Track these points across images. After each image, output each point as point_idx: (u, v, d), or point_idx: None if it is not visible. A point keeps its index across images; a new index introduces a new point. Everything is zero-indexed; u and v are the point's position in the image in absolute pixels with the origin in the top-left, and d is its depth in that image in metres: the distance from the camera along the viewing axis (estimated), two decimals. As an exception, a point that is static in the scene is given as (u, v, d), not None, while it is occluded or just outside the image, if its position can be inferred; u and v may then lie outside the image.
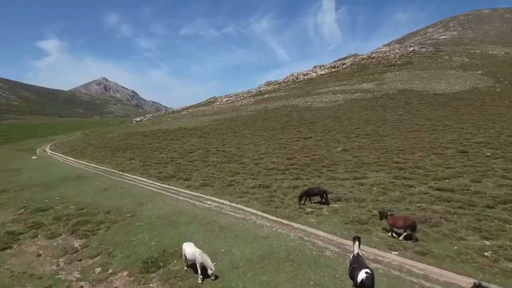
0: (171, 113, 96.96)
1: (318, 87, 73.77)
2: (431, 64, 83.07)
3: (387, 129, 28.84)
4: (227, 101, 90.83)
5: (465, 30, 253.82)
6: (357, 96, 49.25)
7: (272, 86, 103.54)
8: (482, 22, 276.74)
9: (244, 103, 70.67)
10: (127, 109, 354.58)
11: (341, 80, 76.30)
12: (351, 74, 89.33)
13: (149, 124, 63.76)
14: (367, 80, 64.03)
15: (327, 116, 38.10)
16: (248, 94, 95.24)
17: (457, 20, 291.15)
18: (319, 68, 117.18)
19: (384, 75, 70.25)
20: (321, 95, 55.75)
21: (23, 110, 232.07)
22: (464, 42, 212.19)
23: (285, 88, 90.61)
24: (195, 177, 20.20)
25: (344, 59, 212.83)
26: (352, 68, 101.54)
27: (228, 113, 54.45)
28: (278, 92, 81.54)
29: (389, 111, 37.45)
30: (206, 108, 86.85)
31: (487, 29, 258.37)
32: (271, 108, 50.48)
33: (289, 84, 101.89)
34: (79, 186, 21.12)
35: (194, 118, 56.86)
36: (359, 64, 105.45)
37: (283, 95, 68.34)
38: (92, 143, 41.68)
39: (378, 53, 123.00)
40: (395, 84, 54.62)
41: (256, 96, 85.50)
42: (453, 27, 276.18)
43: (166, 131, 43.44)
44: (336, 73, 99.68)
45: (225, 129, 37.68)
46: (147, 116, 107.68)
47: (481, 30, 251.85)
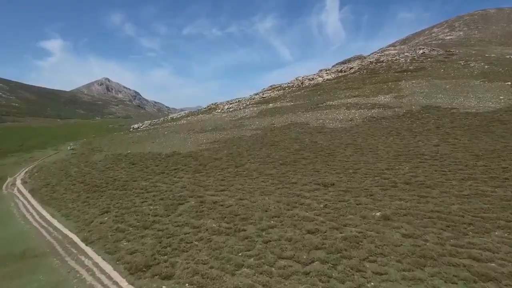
0: (170, 121, 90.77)
1: (327, 96, 67.30)
2: (447, 70, 76.39)
3: (428, 172, 22.38)
4: (229, 109, 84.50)
5: (471, 30, 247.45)
6: (376, 113, 42.80)
7: (276, 92, 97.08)
8: (488, 22, 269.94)
9: (247, 114, 64.26)
10: (129, 110, 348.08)
11: (352, 89, 69.78)
12: (360, 80, 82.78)
13: (144, 139, 57.44)
14: (382, 91, 57.53)
15: (345, 143, 31.72)
16: (250, 101, 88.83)
17: (463, 20, 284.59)
18: (325, 72, 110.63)
19: (400, 84, 63.70)
20: (332, 109, 49.32)
21: (23, 112, 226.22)
22: (471, 43, 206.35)
23: (290, 95, 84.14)
24: (178, 272, 13.76)
25: (349, 61, 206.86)
26: (360, 73, 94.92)
27: (229, 130, 48.05)
28: (283, 101, 75.08)
29: (420, 138, 31.02)
30: (206, 117, 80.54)
31: (493, 29, 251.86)
32: (278, 126, 44.06)
33: (294, 89, 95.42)
34: (11, 282, 15.10)
35: (191, 134, 50.45)
36: (368, 68, 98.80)
37: (290, 106, 61.92)
38: (71, 172, 35.37)
39: (387, 56, 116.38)
40: (416, 98, 48.12)
41: (260, 104, 79.08)
42: (458, 27, 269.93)
43: (157, 156, 37.10)
44: (344, 79, 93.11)
45: (225, 159, 31.32)
46: (145, 123, 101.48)
47: (488, 30, 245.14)
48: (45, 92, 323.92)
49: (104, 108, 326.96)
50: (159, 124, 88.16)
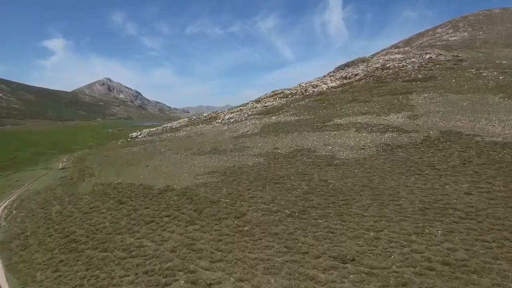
0: (169, 131, 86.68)
1: (333, 111, 62.97)
2: (459, 81, 71.88)
3: (468, 242, 18.16)
4: (229, 120, 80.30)
5: (476, 31, 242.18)
6: (390, 139, 38.58)
7: (278, 100, 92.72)
8: (493, 22, 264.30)
9: (248, 130, 60.06)
10: (130, 111, 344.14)
11: (359, 102, 65.38)
12: (367, 90, 78.39)
13: (139, 157, 53.38)
14: (393, 108, 53.21)
15: (360, 184, 27.55)
16: (252, 111, 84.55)
17: (467, 20, 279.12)
18: (329, 78, 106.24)
19: (410, 97, 59.30)
20: (341, 131, 45.09)
21: (23, 114, 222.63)
22: (476, 44, 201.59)
23: (293, 105, 79.81)
24: None
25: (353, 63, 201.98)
26: (367, 82, 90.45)
27: (229, 153, 43.83)
28: (287, 113, 70.82)
29: (446, 179, 26.81)
30: (206, 128, 76.39)
31: (498, 29, 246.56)
32: (282, 152, 39.87)
33: (298, 98, 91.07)
34: None
35: (189, 157, 46.31)
36: (373, 76, 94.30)
37: (294, 122, 57.66)
38: (52, 213, 31.26)
39: (393, 62, 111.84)
40: (432, 119, 43.79)
41: (262, 115, 74.80)
42: (463, 28, 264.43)
43: (149, 191, 32.94)
44: (349, 87, 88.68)
45: (224, 202, 27.20)
46: (143, 132, 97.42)
47: (493, 31, 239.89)
48: (46, 93, 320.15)
49: (105, 109, 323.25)
50: (158, 135, 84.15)
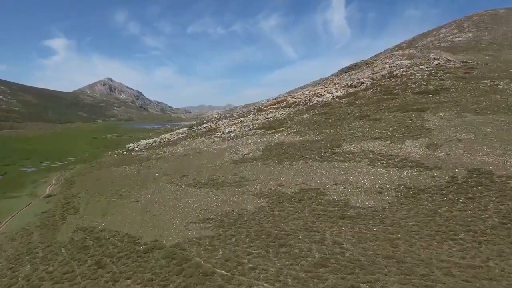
0: (166, 144, 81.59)
1: (341, 130, 57.66)
2: (474, 95, 66.34)
3: None
4: (230, 134, 75.15)
5: (481, 32, 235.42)
6: (410, 179, 33.36)
7: (281, 111, 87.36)
8: (498, 23, 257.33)
9: (249, 152, 54.95)
10: (131, 112, 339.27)
11: (369, 120, 59.96)
12: (375, 103, 72.99)
13: (130, 186, 48.50)
14: (408, 131, 47.85)
15: (383, 253, 22.48)
16: (254, 124, 79.28)
17: (472, 20, 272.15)
18: (333, 86, 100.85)
19: (425, 117, 53.93)
20: (352, 162, 39.87)
21: (23, 117, 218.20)
22: (482, 46, 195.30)
23: (297, 119, 74.46)
24: None
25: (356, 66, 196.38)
26: (374, 92, 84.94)
27: (227, 188, 38.80)
28: (290, 130, 65.53)
29: (487, 250, 21.76)
30: (205, 144, 71.24)
31: (504, 30, 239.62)
32: (288, 192, 34.72)
33: (301, 109, 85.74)
34: None
35: (183, 190, 41.36)
36: (381, 85, 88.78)
37: (298, 144, 52.44)
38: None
39: (399, 68, 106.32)
40: (455, 150, 38.51)
41: (264, 132, 69.53)
42: (467, 28, 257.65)
43: (134, 247, 27.97)
44: (355, 98, 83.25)
45: (219, 277, 22.25)
46: (141, 143, 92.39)
47: (498, 32, 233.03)
48: (47, 94, 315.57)
49: (106, 110, 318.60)
50: (154, 149, 79.14)
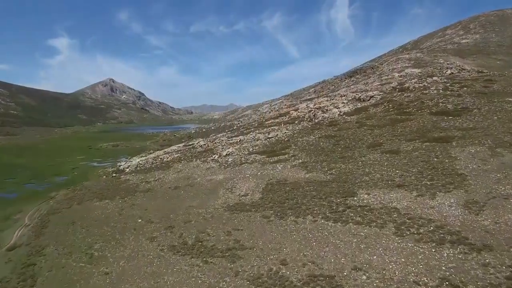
0: (159, 167, 73.30)
1: (353, 164, 49.01)
2: (502, 119, 57.15)
3: None
4: (227, 157, 66.71)
5: (488, 33, 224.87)
6: (453, 267, 24.72)
7: (284, 129, 78.68)
8: (506, 23, 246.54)
9: (247, 193, 46.55)
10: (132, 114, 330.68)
11: (385, 152, 51.27)
12: (389, 125, 64.21)
13: (105, 244, 40.35)
14: (436, 177, 39.19)
15: None
16: (254, 146, 70.69)
17: (478, 21, 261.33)
18: (340, 100, 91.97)
19: (452, 153, 45.14)
20: (373, 227, 31.36)
21: (20, 121, 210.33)
22: (491, 49, 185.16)
23: (301, 142, 65.80)
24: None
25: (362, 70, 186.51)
26: (385, 109, 76.02)
27: (217, 261, 30.56)
28: (294, 160, 56.86)
29: None
30: (199, 171, 62.87)
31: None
32: (292, 279, 26.36)
33: (306, 127, 77.02)
34: None
35: (163, 263, 33.20)
36: (392, 101, 79.81)
37: (304, 184, 43.96)
38: None
39: (410, 79, 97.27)
40: (505, 217, 30.00)
41: (265, 159, 61.05)
42: (474, 29, 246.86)
43: None
44: (366, 116, 74.42)
45: None
46: (132, 163, 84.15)
47: (506, 33, 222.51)
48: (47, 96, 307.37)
49: (106, 112, 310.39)
50: (145, 173, 70.81)
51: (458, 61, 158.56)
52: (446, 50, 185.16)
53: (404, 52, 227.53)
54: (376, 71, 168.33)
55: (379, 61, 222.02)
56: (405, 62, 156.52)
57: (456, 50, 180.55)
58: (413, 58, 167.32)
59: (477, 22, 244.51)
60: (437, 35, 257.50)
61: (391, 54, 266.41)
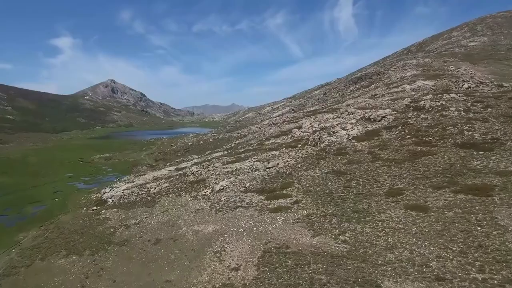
0: (145, 201, 63.40)
1: (369, 221, 38.52)
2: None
3: None
4: (220, 195, 56.57)
5: (497, 35, 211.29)
6: None
7: (286, 155, 68.19)
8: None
9: (240, 269, 36.43)
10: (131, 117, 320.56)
11: (408, 206, 40.91)
12: (408, 160, 53.55)
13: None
14: (487, 262, 29.04)
15: None
16: (251, 181, 60.43)
17: (485, 23, 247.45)
18: (347, 119, 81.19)
19: (499, 220, 34.76)
20: None
21: (16, 126, 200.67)
22: (501, 53, 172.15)
23: (304, 177, 55.31)
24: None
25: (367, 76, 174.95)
26: (401, 135, 65.20)
27: None
28: (298, 210, 46.59)
29: None
30: (187, 211, 52.79)
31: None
32: None
33: (310, 154, 66.49)
34: None
35: None
36: (408, 123, 68.97)
37: (310, 254, 33.83)
38: None
39: (424, 93, 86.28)
40: None
41: (263, 202, 50.77)
42: (481, 31, 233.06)
43: None
44: (378, 144, 63.76)
45: None
46: (116, 192, 74.01)
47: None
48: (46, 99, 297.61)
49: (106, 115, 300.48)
50: (126, 210, 60.81)
51: (469, 67, 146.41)
52: (454, 54, 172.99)
53: (410, 56, 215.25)
54: (383, 78, 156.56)
55: (384, 64, 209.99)
56: (413, 69, 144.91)
57: (465, 54, 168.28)
58: (421, 64, 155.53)
59: (484, 24, 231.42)
60: (443, 37, 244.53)
61: (396, 57, 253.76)
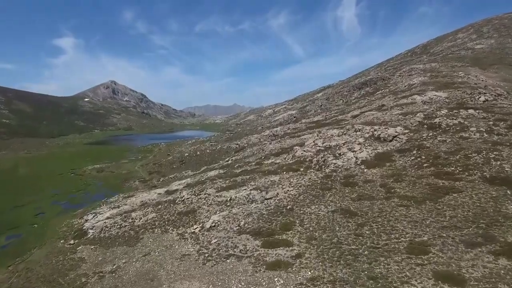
0: (126, 237, 54.97)
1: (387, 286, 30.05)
2: None
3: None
4: (211, 230, 47.91)
5: (504, 38, 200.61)
6: None
7: (287, 183, 59.49)
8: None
9: None
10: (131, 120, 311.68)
11: (437, 272, 32.30)
12: (430, 199, 44.58)
13: None
14: None
15: None
16: (246, 218, 51.74)
17: (491, 24, 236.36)
18: (354, 136, 72.11)
19: None
20: None
21: (11, 131, 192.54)
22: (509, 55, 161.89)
23: (309, 216, 46.43)
24: None
25: (371, 81, 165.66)
26: (417, 162, 56.18)
27: None
28: (301, 270, 38.17)
29: None
30: (174, 254, 44.31)
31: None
32: None
33: (314, 182, 57.69)
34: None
35: None
36: (423, 147, 59.91)
37: None
38: None
39: (437, 107, 77.18)
40: None
41: (260, 250, 42.02)
42: (488, 33, 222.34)
43: None
44: (391, 169, 54.81)
45: None
46: (98, 222, 65.66)
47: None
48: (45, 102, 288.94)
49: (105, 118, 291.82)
50: (110, 244, 52.41)
51: (479, 73, 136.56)
52: (461, 57, 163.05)
53: (415, 58, 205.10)
54: (388, 84, 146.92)
55: (388, 68, 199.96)
56: (420, 75, 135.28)
57: (473, 58, 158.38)
58: (428, 69, 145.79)
59: (490, 26, 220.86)
60: (448, 39, 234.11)
61: (400, 59, 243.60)
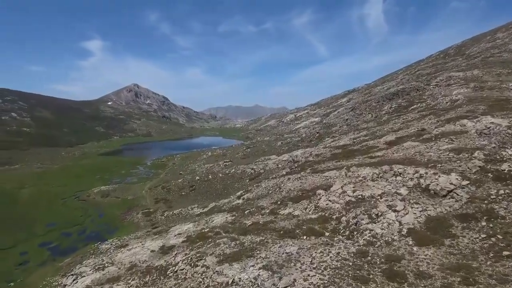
0: None
1: None
2: None
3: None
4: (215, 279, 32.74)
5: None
6: None
7: (308, 258, 42.75)
8: None
9: None
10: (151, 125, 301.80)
11: None
12: None
13: None
14: None
15: None
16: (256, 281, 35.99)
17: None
18: (395, 185, 53.20)
19: None
20: None
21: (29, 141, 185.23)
22: None
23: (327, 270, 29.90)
24: None
25: (404, 92, 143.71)
26: (487, 235, 38.20)
27: None
28: None
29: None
30: None
31: None
32: None
33: (343, 258, 39.73)
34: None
35: None
36: (493, 213, 41.37)
37: None
38: None
39: (501, 143, 57.66)
40: None
41: None
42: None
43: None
44: (451, 248, 36.88)
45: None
46: (82, 283, 51.74)
47: None
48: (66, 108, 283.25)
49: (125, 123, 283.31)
50: None
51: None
52: (505, 62, 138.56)
53: (450, 62, 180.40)
54: (423, 96, 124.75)
55: (420, 72, 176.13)
56: (461, 86, 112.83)
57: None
58: (469, 77, 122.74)
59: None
60: (486, 39, 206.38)
61: (431, 61, 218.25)
